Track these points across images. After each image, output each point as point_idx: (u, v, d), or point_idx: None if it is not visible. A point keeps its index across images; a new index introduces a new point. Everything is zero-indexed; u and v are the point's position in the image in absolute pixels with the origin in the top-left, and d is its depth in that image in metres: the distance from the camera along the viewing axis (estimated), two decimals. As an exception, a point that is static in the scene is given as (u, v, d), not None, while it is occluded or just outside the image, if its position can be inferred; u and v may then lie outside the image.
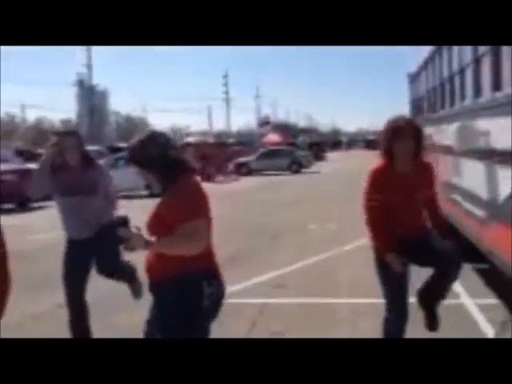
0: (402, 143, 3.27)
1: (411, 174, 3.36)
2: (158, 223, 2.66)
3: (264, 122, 53.87)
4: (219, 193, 18.88)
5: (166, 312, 2.69)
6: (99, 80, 69.61)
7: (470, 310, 5.01)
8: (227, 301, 5.52)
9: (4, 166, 15.95)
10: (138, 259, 3.33)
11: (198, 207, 2.65)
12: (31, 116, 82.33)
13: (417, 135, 3.34)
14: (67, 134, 4.06)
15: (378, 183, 3.37)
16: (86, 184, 3.97)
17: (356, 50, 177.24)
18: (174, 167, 2.69)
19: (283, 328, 4.72)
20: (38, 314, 5.46)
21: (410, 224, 3.38)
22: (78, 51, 46.84)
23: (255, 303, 5.53)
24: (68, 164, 4.02)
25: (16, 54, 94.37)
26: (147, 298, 2.94)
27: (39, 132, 64.17)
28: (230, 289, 5.93)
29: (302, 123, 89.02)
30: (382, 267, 3.41)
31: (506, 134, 3.83)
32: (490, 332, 4.40)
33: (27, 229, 10.93)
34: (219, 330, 4.70)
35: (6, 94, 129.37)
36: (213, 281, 2.74)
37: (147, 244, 2.58)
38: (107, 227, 3.82)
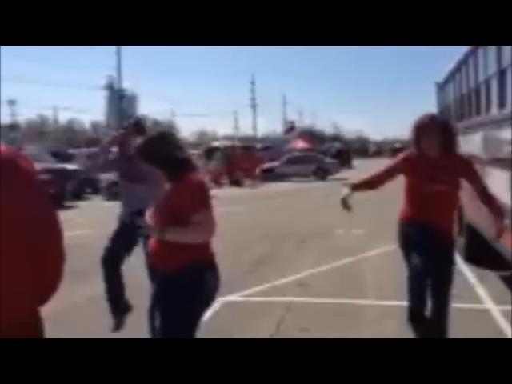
0: (427, 138, 3.61)
1: (441, 167, 3.61)
2: (168, 214, 2.87)
3: (289, 128, 54.02)
4: (248, 197, 19.14)
5: (170, 298, 2.88)
6: (128, 84, 70.88)
7: (494, 315, 5.14)
8: (258, 298, 5.83)
9: (39, 165, 16.47)
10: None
11: (206, 198, 2.90)
12: (63, 118, 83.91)
13: (442, 130, 3.63)
14: (139, 131, 4.53)
15: (398, 163, 3.83)
16: (136, 172, 4.38)
17: (384, 61, 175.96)
18: (181, 165, 2.95)
19: (309, 325, 4.93)
20: (72, 305, 5.75)
21: (431, 212, 3.62)
22: (107, 55, 47.61)
23: (284, 301, 5.75)
24: (130, 153, 4.46)
25: (49, 56, 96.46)
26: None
27: (71, 132, 65.51)
28: (260, 287, 6.25)
29: (328, 130, 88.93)
30: (400, 233, 3.79)
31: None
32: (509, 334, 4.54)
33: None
34: (249, 324, 4.98)
35: (39, 96, 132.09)
36: (213, 272, 2.97)
37: (161, 232, 2.82)
38: None
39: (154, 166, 3.04)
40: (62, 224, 1.64)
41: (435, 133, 3.60)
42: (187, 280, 2.84)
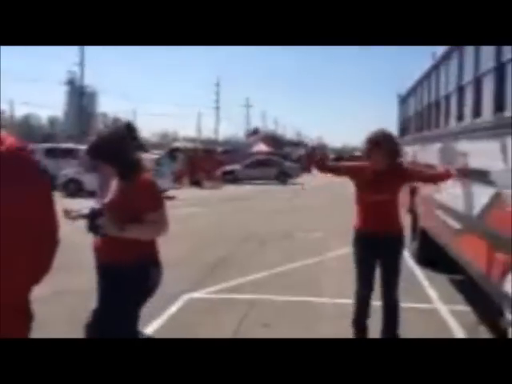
0: (373, 152, 4.12)
1: (387, 176, 4.14)
2: (123, 212, 2.97)
3: (253, 132, 54.57)
4: (208, 199, 19.24)
5: (116, 289, 3.02)
6: (89, 80, 69.81)
7: (443, 314, 5.45)
8: (221, 296, 5.99)
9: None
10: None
11: (160, 198, 3.08)
12: (20, 112, 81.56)
13: (389, 144, 4.16)
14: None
15: (352, 166, 4.44)
16: None
17: (347, 69, 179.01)
18: (136, 166, 3.07)
19: (269, 321, 5.13)
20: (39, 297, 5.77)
21: (380, 217, 4.16)
22: (70, 50, 46.75)
23: (246, 298, 5.94)
24: None
25: (7, 48, 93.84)
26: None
27: (27, 127, 64.00)
28: (223, 285, 6.41)
29: (290, 135, 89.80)
30: (355, 246, 4.28)
31: (482, 156, 4.32)
32: (460, 335, 4.85)
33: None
34: (214, 320, 5.13)
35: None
36: (157, 267, 3.14)
37: (120, 230, 2.93)
38: None
39: (107, 163, 3.08)
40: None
41: (384, 147, 4.10)
42: (134, 273, 2.99)
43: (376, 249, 4.18)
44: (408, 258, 8.00)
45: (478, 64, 4.62)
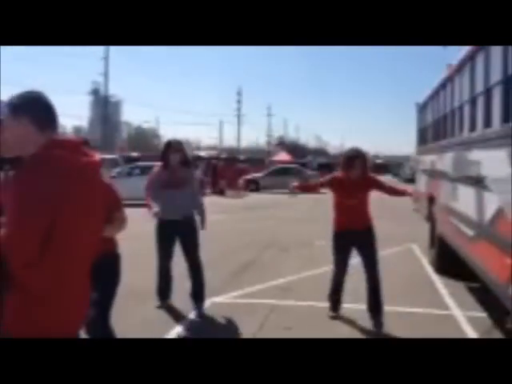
0: (351, 166, 5.26)
1: (359, 185, 5.30)
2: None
3: (279, 143, 55.84)
4: (231, 207, 19.49)
5: (106, 281, 3.49)
6: (113, 90, 70.95)
7: (459, 320, 5.57)
8: (243, 300, 6.20)
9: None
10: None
11: (120, 198, 3.49)
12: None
13: (363, 161, 5.30)
14: (177, 149, 5.53)
15: (329, 179, 5.49)
16: (177, 180, 5.45)
17: (367, 76, 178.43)
18: None
19: (291, 324, 5.33)
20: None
21: (354, 215, 5.33)
22: (95, 60, 47.63)
23: (267, 303, 6.15)
24: (171, 164, 5.52)
25: (32, 59, 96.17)
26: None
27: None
28: (246, 290, 6.63)
29: (311, 143, 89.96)
30: (334, 240, 5.47)
31: (494, 165, 4.48)
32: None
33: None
34: (236, 323, 5.35)
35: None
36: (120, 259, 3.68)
37: None
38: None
39: None
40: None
41: (359, 163, 5.23)
42: (115, 262, 3.57)
43: (352, 240, 5.33)
44: (426, 265, 8.12)
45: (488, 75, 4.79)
